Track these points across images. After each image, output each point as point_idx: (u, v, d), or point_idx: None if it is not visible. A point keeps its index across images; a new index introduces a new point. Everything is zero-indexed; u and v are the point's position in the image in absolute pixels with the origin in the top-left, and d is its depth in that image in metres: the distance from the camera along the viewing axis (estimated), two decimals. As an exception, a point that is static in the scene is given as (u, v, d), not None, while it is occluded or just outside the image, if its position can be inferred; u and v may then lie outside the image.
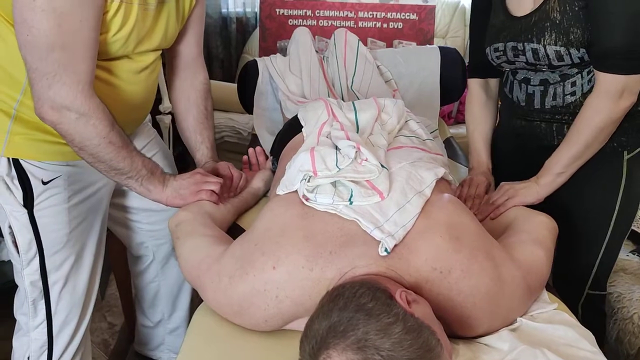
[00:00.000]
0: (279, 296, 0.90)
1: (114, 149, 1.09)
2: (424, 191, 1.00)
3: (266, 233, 0.96)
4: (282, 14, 2.25)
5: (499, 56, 1.30)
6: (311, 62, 1.78)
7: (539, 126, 1.31)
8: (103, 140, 1.07)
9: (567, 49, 1.16)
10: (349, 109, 1.29)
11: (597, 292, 1.39)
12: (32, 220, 1.17)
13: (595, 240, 1.32)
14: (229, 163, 1.37)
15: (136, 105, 1.24)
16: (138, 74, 1.19)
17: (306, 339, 0.75)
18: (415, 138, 1.29)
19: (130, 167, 1.13)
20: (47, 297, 1.23)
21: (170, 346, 1.67)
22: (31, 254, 1.20)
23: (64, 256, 1.23)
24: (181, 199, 1.21)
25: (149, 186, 1.18)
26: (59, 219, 1.20)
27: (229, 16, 3.25)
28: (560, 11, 1.16)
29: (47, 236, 1.19)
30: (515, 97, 1.34)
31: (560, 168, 1.21)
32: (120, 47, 1.10)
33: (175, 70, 1.39)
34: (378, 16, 2.25)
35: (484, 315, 0.92)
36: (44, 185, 1.17)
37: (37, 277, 1.21)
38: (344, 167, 1.02)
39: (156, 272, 1.56)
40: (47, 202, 1.18)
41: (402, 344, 0.70)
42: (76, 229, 1.24)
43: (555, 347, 0.89)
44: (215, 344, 0.96)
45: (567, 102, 1.24)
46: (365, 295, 0.76)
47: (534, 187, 1.23)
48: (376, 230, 0.91)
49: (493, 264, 0.93)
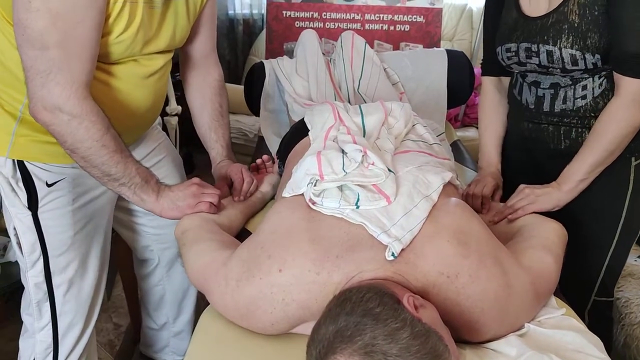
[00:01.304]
0: (285, 299, 0.90)
1: (107, 152, 1.06)
2: (431, 195, 0.99)
3: (272, 236, 0.96)
4: (289, 16, 2.26)
5: (511, 57, 1.28)
6: (318, 65, 1.78)
7: (547, 129, 1.30)
8: (95, 144, 1.04)
9: (583, 54, 1.15)
10: (356, 112, 1.29)
11: (604, 298, 1.37)
12: (37, 222, 1.17)
13: (601, 245, 1.30)
14: (243, 165, 1.36)
15: (144, 110, 1.22)
16: (146, 78, 1.17)
17: (313, 343, 0.75)
18: (422, 142, 1.29)
19: (123, 173, 1.10)
20: (51, 299, 1.23)
21: (174, 349, 1.67)
22: (35, 256, 1.19)
23: (69, 259, 1.22)
24: (178, 210, 1.18)
25: (142, 195, 1.14)
26: (63, 222, 1.20)
27: (235, 18, 3.26)
28: (579, 14, 1.14)
29: (51, 238, 1.19)
30: (524, 100, 1.33)
31: (582, 175, 1.19)
32: (127, 48, 1.08)
33: (188, 68, 1.38)
34: (385, 19, 2.25)
35: (492, 321, 0.91)
36: (49, 187, 1.16)
37: (41, 279, 1.21)
38: (351, 171, 1.02)
39: (161, 275, 1.56)
40: (52, 205, 1.17)
41: (410, 349, 0.69)
42: (81, 232, 1.23)
43: (563, 352, 0.89)
44: (222, 347, 0.96)
45: (578, 106, 1.23)
46: (373, 299, 0.75)
47: (555, 194, 1.21)
48: (383, 235, 0.90)
49: (501, 269, 0.93)
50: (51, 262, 1.20)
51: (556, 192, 1.21)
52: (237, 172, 1.33)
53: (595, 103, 1.21)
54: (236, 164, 1.37)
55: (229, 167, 1.36)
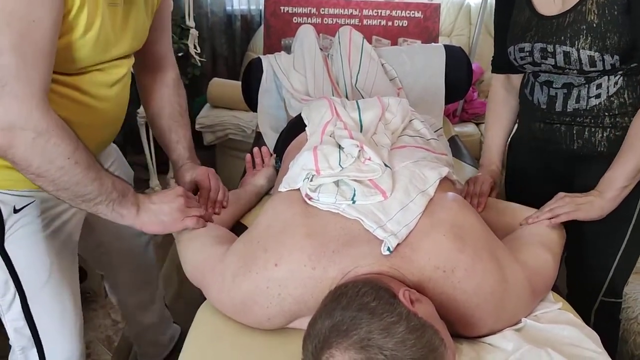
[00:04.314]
0: (281, 294, 0.90)
1: (81, 170, 0.90)
2: (428, 190, 0.99)
3: (268, 230, 0.96)
4: (287, 12, 2.25)
5: (524, 57, 1.23)
6: (315, 60, 1.77)
7: (559, 129, 1.25)
8: (67, 162, 0.88)
9: (602, 55, 1.10)
10: (353, 108, 1.29)
11: (612, 299, 1.33)
12: (4, 256, 1.02)
13: (612, 245, 1.27)
14: (210, 169, 1.27)
15: (108, 124, 1.10)
16: (110, 87, 1.05)
17: (309, 338, 0.75)
18: (419, 137, 1.29)
19: (99, 191, 0.94)
20: (38, 345, 1.10)
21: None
22: (9, 297, 1.05)
23: (50, 294, 1.08)
24: (162, 226, 1.05)
25: (121, 211, 0.99)
26: (36, 251, 1.05)
27: (233, 14, 3.25)
28: (598, 14, 1.09)
29: (25, 272, 1.04)
30: (536, 100, 1.29)
31: (624, 181, 1.12)
32: (90, 51, 0.95)
33: (145, 70, 1.28)
34: (383, 14, 2.25)
35: (488, 316, 0.92)
36: (16, 213, 1.02)
37: (21, 323, 1.08)
38: (347, 166, 1.02)
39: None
40: (20, 233, 1.03)
41: (405, 343, 0.70)
42: (57, 260, 1.09)
43: (560, 347, 0.89)
44: (219, 341, 0.96)
45: (591, 105, 1.19)
46: (368, 294, 0.75)
47: (597, 202, 1.14)
48: (379, 230, 0.90)
49: (497, 264, 0.93)
50: (30, 302, 1.06)
51: (599, 201, 1.14)
52: (205, 177, 1.24)
53: (610, 102, 1.17)
54: (202, 167, 1.28)
55: (195, 170, 1.26)
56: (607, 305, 1.34)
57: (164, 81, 1.30)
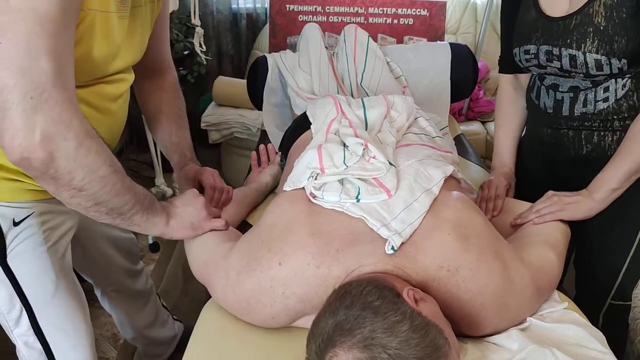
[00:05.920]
0: (285, 293, 0.90)
1: (119, 178, 0.85)
2: (432, 189, 0.99)
3: (272, 229, 0.96)
4: (292, 10, 2.25)
5: (529, 59, 1.21)
6: (321, 59, 1.77)
7: (567, 134, 1.22)
8: (109, 170, 0.82)
9: (609, 59, 1.07)
10: (358, 105, 1.28)
11: (621, 302, 1.31)
12: (8, 271, 0.99)
13: (621, 248, 1.24)
14: (214, 170, 1.24)
15: (110, 139, 1.06)
16: (114, 101, 1.02)
17: (313, 337, 0.75)
18: (425, 135, 1.28)
19: (135, 199, 0.89)
20: (50, 357, 1.08)
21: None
22: (15, 313, 1.03)
23: (58, 307, 1.06)
24: (191, 229, 1.03)
25: (154, 219, 0.95)
26: (40, 265, 1.02)
27: (239, 12, 3.26)
28: (605, 17, 1.06)
29: (30, 288, 1.01)
30: (542, 104, 1.26)
31: (615, 183, 1.11)
32: (101, 63, 0.92)
33: (143, 75, 1.24)
34: (388, 12, 2.24)
35: (492, 315, 0.91)
36: (16, 226, 0.98)
37: (32, 338, 1.05)
38: (352, 165, 1.02)
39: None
40: (22, 247, 0.99)
41: (409, 342, 0.69)
42: (63, 273, 1.07)
43: (565, 346, 0.89)
44: (223, 339, 0.96)
45: (599, 109, 1.16)
46: (372, 293, 0.75)
47: (585, 203, 1.13)
48: (383, 228, 0.90)
49: (502, 264, 0.92)
50: (38, 315, 1.04)
51: (587, 201, 1.13)
52: (209, 177, 1.21)
53: (619, 105, 1.14)
54: (206, 168, 1.25)
55: (199, 170, 1.23)
56: (615, 308, 1.32)
57: (162, 85, 1.28)
